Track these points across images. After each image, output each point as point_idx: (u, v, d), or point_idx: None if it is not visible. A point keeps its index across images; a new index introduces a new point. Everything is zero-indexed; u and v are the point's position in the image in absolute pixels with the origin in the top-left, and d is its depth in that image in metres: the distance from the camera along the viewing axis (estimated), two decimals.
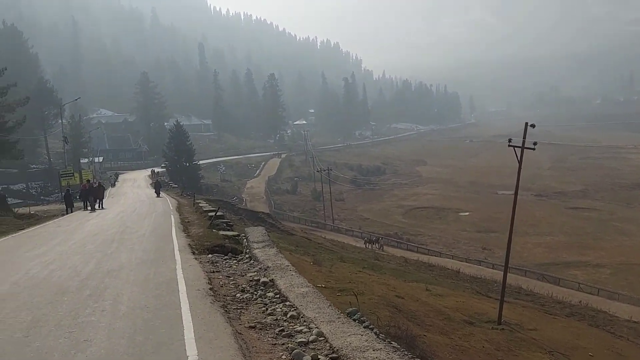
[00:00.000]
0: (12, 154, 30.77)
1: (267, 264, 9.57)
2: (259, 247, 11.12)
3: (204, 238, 14.66)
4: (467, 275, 35.15)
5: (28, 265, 11.08)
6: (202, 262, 10.84)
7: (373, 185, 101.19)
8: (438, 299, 23.83)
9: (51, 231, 18.55)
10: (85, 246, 13.89)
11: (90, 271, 10.05)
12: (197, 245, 13.55)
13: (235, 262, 11.02)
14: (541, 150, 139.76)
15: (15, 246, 14.72)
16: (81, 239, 15.73)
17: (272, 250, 10.73)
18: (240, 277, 9.31)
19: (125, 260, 11.34)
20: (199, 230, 16.90)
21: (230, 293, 8.08)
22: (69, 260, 11.50)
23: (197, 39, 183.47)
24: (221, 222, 17.80)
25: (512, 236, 24.86)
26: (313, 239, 40.12)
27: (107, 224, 20.44)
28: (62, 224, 20.98)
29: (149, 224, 19.91)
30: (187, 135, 70.86)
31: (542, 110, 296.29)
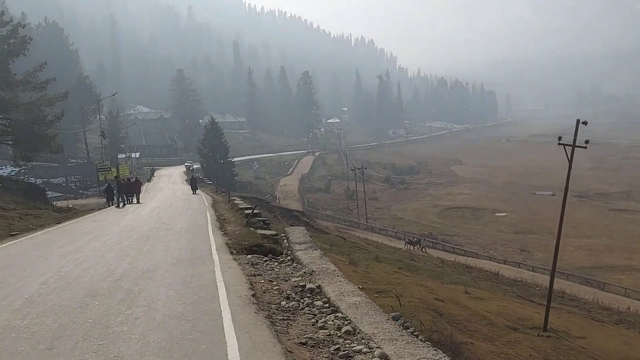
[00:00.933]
0: (51, 148, 31.04)
1: (312, 267, 8.93)
2: (301, 248, 10.53)
3: (241, 237, 14.18)
4: (506, 278, 33.92)
5: (60, 262, 10.66)
6: (241, 264, 10.26)
7: (407, 184, 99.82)
8: (479, 302, 22.89)
9: (87, 226, 18.25)
10: (121, 242, 13.52)
11: (124, 271, 9.58)
12: (234, 244, 13.00)
13: (277, 265, 10.39)
14: (580, 150, 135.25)
15: (50, 241, 14.30)
16: (116, 234, 15.38)
17: (316, 253, 10.08)
18: (284, 281, 8.70)
19: (160, 259, 10.84)
20: (235, 228, 16.41)
21: (274, 300, 7.47)
22: (103, 258, 11.09)
23: (231, 36, 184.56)
24: (258, 221, 17.27)
25: (560, 239, 23.68)
26: (347, 237, 39.49)
27: (143, 219, 20.15)
28: (97, 219, 20.77)
29: (184, 220, 19.50)
30: (221, 132, 71.02)
31: (582, 109, 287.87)
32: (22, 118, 28.90)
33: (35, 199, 27.38)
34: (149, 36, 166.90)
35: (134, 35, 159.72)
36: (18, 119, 28.92)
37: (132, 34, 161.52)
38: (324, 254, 9.68)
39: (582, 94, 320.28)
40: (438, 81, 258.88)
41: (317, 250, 10.32)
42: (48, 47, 73.79)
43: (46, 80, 30.24)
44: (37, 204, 25.55)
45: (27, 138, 29.04)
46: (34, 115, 28.91)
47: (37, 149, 30.06)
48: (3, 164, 58.74)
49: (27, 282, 8.84)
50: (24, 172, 65.38)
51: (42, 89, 30.33)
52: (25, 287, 8.36)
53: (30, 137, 29.01)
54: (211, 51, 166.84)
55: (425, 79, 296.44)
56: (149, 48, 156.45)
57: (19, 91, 29.63)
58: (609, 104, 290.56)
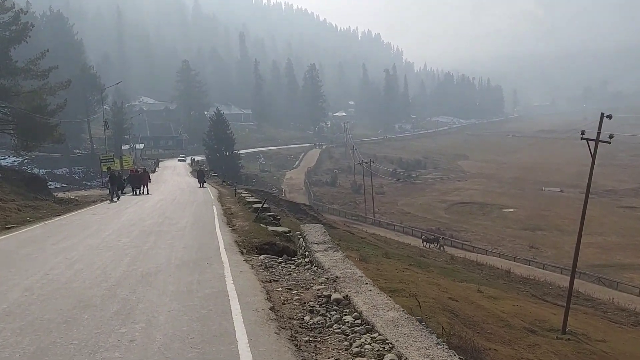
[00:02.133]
0: (53, 137, 30.11)
1: (335, 272, 7.87)
2: (320, 249, 9.43)
3: (251, 234, 13.23)
4: (518, 276, 32.95)
5: (51, 262, 9.53)
6: (254, 267, 9.24)
7: (414, 179, 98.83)
8: (493, 302, 22.04)
9: (86, 219, 17.14)
10: (120, 239, 12.39)
11: (122, 274, 8.49)
12: (244, 242, 12.00)
13: (294, 268, 9.32)
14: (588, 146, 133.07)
15: (44, 236, 13.16)
16: (116, 229, 14.26)
17: (338, 255, 9.01)
18: (305, 290, 7.62)
19: (163, 259, 9.76)
20: (244, 223, 15.46)
21: (296, 314, 6.37)
22: (99, 258, 9.97)
23: (238, 28, 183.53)
24: (268, 216, 16.39)
25: (580, 239, 22.86)
26: (355, 232, 38.61)
27: (146, 213, 19.03)
28: (98, 212, 19.68)
29: (189, 214, 18.43)
30: (227, 124, 70.15)
31: (589, 105, 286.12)
32: (23, 107, 28.03)
33: (37, 190, 26.54)
34: (155, 27, 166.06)
35: (140, 26, 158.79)
36: (19, 107, 28.05)
37: (138, 24, 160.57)
38: (346, 257, 8.60)
39: (589, 90, 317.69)
40: (444, 76, 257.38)
41: (338, 252, 9.28)
42: (52, 36, 73.26)
43: (48, 68, 29.32)
44: (37, 195, 24.72)
45: (28, 127, 28.16)
46: (35, 104, 27.98)
47: (39, 138, 29.14)
48: (6, 154, 58.18)
49: (8, 287, 7.70)
50: (27, 163, 64.82)
51: (44, 77, 29.36)
52: (4, 295, 7.24)
53: (31, 127, 28.12)
54: (217, 43, 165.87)
55: (431, 73, 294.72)
56: (154, 39, 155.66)
57: (20, 79, 28.77)
58: (616, 100, 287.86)
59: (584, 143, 21.47)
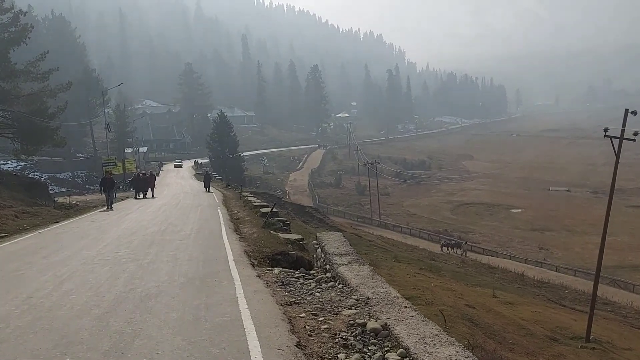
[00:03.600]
0: (54, 141, 29.28)
1: (365, 292, 6.72)
2: (343, 262, 8.34)
3: (261, 242, 12.40)
4: (532, 279, 32.10)
5: (37, 281, 8.41)
6: (269, 284, 8.22)
7: (418, 179, 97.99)
8: (511, 308, 21.26)
9: (84, 227, 16.10)
10: (118, 251, 11.38)
11: (117, 297, 7.38)
12: (255, 252, 11.13)
13: (315, 285, 8.19)
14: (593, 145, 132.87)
15: (37, 247, 12.07)
16: (115, 239, 13.22)
17: (365, 270, 7.81)
18: (333, 315, 6.37)
19: (165, 276, 8.74)
20: (252, 230, 14.60)
21: (328, 352, 5.15)
22: (93, 275, 8.89)
23: (240, 30, 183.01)
24: (277, 221, 15.49)
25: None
26: (363, 235, 37.84)
27: (148, 219, 18.09)
28: (97, 218, 18.73)
29: (194, 220, 17.61)
30: (230, 126, 69.55)
31: (593, 104, 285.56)
32: (23, 110, 27.32)
33: (37, 195, 25.83)
34: (157, 30, 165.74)
35: (143, 30, 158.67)
36: (19, 110, 27.30)
37: (141, 28, 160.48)
38: (375, 272, 7.63)
39: (592, 89, 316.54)
40: (447, 76, 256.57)
41: (364, 266, 8.10)
42: (54, 39, 72.90)
43: (48, 70, 28.57)
44: (37, 201, 24.01)
45: (28, 131, 27.40)
46: (35, 107, 27.27)
47: (39, 142, 28.30)
48: (7, 159, 57.63)
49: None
50: (29, 167, 64.32)
51: (44, 80, 28.62)
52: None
53: (31, 130, 27.33)
54: (220, 45, 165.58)
55: (434, 73, 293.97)
56: (157, 42, 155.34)
57: (20, 82, 27.98)
58: (620, 99, 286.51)
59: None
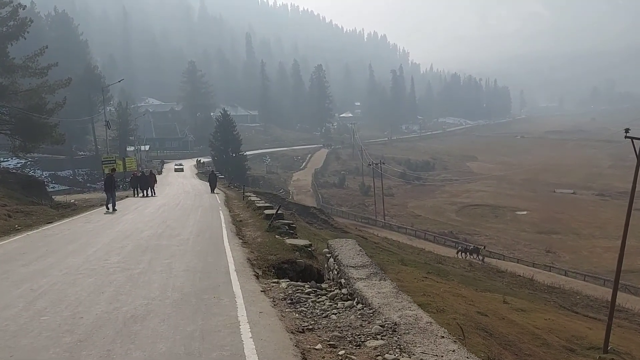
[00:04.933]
0: (53, 138, 28.56)
1: (391, 315, 5.56)
2: (361, 276, 7.14)
3: (265, 248, 11.54)
4: (542, 284, 31.25)
5: (9, 295, 7.36)
6: (276, 302, 7.19)
7: (422, 180, 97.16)
8: (523, 315, 20.52)
9: (77, 229, 14.99)
10: (108, 258, 10.25)
11: (97, 318, 6.23)
12: (259, 260, 10.22)
13: (330, 303, 7.02)
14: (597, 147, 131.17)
15: (19, 253, 10.86)
16: (107, 244, 12.12)
17: (387, 286, 6.59)
18: (355, 347, 5.24)
19: (156, 291, 7.63)
20: (255, 233, 13.78)
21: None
22: (74, 289, 7.70)
23: (244, 30, 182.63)
24: (282, 224, 14.55)
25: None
26: (368, 237, 37.11)
27: (145, 221, 17.07)
28: (92, 219, 17.82)
29: (194, 223, 16.65)
30: (233, 125, 68.93)
31: (597, 106, 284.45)
32: (20, 106, 26.63)
33: (34, 193, 25.14)
34: (160, 28, 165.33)
35: (146, 28, 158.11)
36: (16, 107, 26.61)
37: (144, 26, 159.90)
38: (399, 289, 6.47)
39: (596, 90, 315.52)
40: (451, 77, 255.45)
41: (386, 281, 6.88)
42: (57, 36, 72.44)
43: (47, 65, 27.85)
44: (34, 199, 23.33)
45: (26, 127, 26.75)
46: (33, 103, 26.61)
47: (37, 139, 27.67)
48: (8, 156, 57.02)
49: None
50: (30, 165, 63.85)
51: (42, 75, 27.89)
52: None
53: (29, 127, 26.68)
54: (223, 44, 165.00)
55: (438, 74, 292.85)
56: (160, 41, 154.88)
57: (18, 77, 27.33)
58: (623, 101, 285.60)
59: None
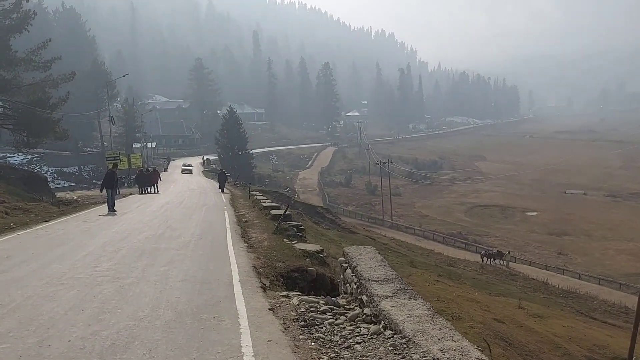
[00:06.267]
0: (56, 134, 27.86)
1: (430, 347, 4.30)
2: (386, 293, 5.82)
3: (273, 253, 10.66)
4: (557, 288, 30.34)
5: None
6: (287, 324, 6.01)
7: (430, 180, 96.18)
8: (540, 322, 19.72)
9: (71, 229, 13.85)
10: (98, 264, 9.04)
11: (68, 348, 4.93)
12: (266, 267, 9.32)
13: (350, 326, 5.83)
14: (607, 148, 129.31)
15: (2, 256, 9.67)
16: (99, 247, 10.90)
17: (419, 306, 5.37)
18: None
19: (146, 308, 6.36)
20: (262, 235, 12.95)
21: None
22: (50, 304, 6.41)
23: (251, 27, 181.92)
24: (290, 226, 13.64)
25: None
26: (376, 238, 36.35)
27: (145, 220, 16.11)
28: (90, 218, 16.70)
29: (197, 223, 15.76)
30: (240, 123, 68.33)
31: (606, 107, 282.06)
32: (24, 100, 25.99)
33: (36, 189, 24.55)
34: (168, 25, 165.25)
35: (154, 25, 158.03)
36: (19, 101, 25.96)
37: (152, 23, 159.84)
38: (433, 310, 5.26)
39: (606, 91, 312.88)
40: (459, 75, 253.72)
41: (417, 300, 5.63)
42: (64, 32, 72.41)
43: (51, 58, 27.14)
44: (35, 196, 22.74)
45: (28, 122, 26.09)
46: (36, 97, 25.96)
47: (40, 134, 27.06)
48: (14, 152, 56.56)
49: None
50: (35, 160, 63.42)
51: (46, 69, 27.23)
52: None
53: (32, 122, 26.02)
54: (230, 42, 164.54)
55: (445, 73, 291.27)
56: (168, 38, 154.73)
57: (21, 70, 26.70)
58: (633, 101, 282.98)
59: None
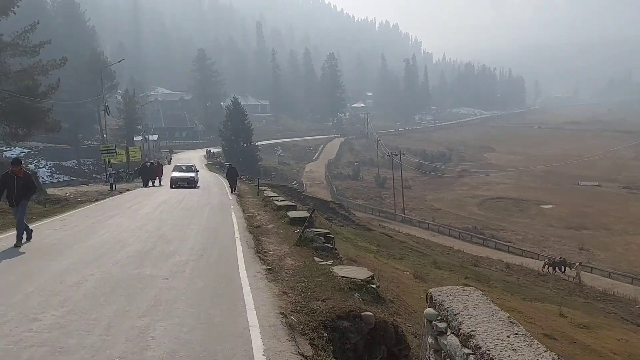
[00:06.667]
0: (47, 125, 25.50)
1: None
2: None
3: (303, 281, 7.64)
4: (593, 290, 27.89)
5: None
6: None
7: (440, 172, 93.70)
8: (590, 334, 17.41)
9: (34, 244, 10.66)
10: (42, 311, 6.06)
11: None
12: (299, 313, 6.20)
13: None
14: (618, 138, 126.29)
15: None
16: (57, 275, 7.85)
17: None
18: None
19: None
20: (281, 248, 10.20)
21: None
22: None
23: (254, 18, 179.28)
24: (315, 236, 10.70)
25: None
26: (394, 235, 34.02)
27: (134, 227, 13.21)
28: (70, 222, 13.99)
29: (198, 230, 12.98)
30: (245, 114, 66.08)
31: (613, 97, 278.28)
32: (10, 89, 23.68)
33: None
34: (171, 16, 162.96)
35: (156, 16, 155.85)
36: (5, 89, 23.61)
37: (154, 14, 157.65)
38: None
39: (612, 81, 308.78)
40: (465, 66, 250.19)
41: None
42: (64, 23, 70.89)
43: (39, 42, 24.81)
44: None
45: (16, 112, 23.79)
46: (24, 85, 23.64)
47: (30, 125, 24.68)
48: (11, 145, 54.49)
49: None
50: (33, 154, 61.41)
51: (34, 54, 24.86)
52: None
53: (19, 111, 23.70)
54: (234, 33, 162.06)
55: (450, 64, 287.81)
56: (170, 29, 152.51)
57: (7, 56, 24.39)
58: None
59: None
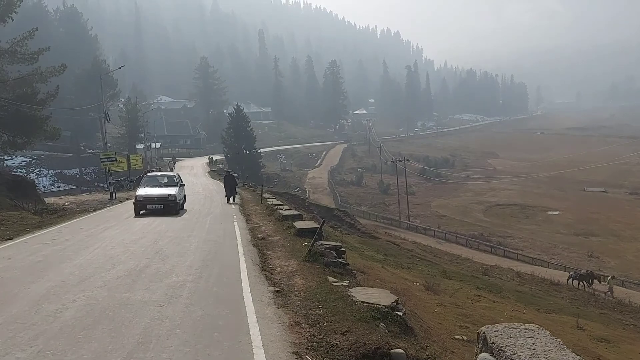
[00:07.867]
0: (46, 133, 24.86)
1: None
2: None
3: (317, 307, 6.86)
4: (608, 300, 27.10)
5: None
6: None
7: (443, 178, 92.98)
8: (612, 350, 16.63)
9: (18, 259, 10.23)
10: (11, 352, 5.17)
11: None
12: (316, 351, 5.48)
13: None
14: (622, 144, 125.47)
15: None
16: (34, 302, 7.06)
17: None
18: None
19: None
20: (289, 264, 9.53)
21: None
22: None
23: (256, 26, 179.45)
24: (326, 249, 9.98)
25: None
26: (400, 243, 33.30)
27: (128, 241, 12.46)
28: (61, 235, 13.31)
29: (198, 243, 12.25)
30: (247, 121, 65.72)
31: (615, 102, 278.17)
32: (8, 96, 23.12)
33: (21, 194, 21.67)
34: (173, 25, 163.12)
35: (158, 24, 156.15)
36: (4, 97, 23.03)
37: (156, 22, 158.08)
38: None
39: (614, 86, 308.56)
40: (466, 72, 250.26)
41: None
42: (66, 32, 71.01)
43: (38, 49, 24.24)
44: (18, 202, 19.92)
45: (14, 120, 23.21)
46: (22, 92, 23.09)
47: (28, 133, 24.10)
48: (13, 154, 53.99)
49: None
50: (35, 163, 60.97)
51: (32, 61, 24.27)
52: None
53: (18, 119, 23.13)
54: (236, 41, 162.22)
55: (452, 70, 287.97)
56: (173, 37, 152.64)
57: (5, 63, 23.86)
58: None
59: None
